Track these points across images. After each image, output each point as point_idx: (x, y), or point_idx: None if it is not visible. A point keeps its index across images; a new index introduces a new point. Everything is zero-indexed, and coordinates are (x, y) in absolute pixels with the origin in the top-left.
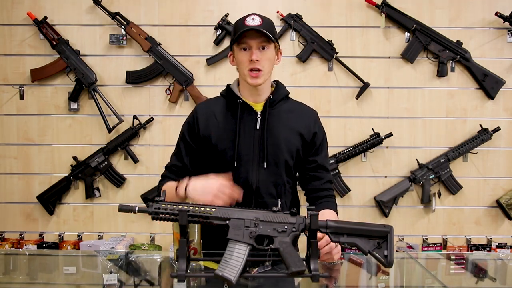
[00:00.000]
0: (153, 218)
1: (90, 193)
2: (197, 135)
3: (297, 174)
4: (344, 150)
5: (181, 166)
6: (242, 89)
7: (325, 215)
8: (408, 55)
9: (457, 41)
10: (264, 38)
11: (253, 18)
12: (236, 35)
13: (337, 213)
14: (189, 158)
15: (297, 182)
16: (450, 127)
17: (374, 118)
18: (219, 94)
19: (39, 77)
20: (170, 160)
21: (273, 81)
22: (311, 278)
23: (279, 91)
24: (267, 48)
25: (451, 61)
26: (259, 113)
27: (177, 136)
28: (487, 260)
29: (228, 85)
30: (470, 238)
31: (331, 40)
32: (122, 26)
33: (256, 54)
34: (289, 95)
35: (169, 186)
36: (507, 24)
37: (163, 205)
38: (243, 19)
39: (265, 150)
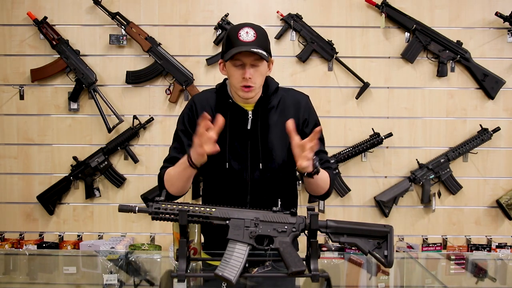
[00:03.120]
0: (153, 218)
1: (90, 193)
2: (196, 124)
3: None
4: (344, 150)
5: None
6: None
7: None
8: (408, 55)
9: (457, 41)
10: (258, 56)
11: (247, 32)
12: (228, 51)
13: (331, 180)
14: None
15: (297, 182)
16: (450, 127)
17: (374, 118)
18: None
19: (39, 77)
20: (169, 153)
21: None
22: (311, 278)
23: (269, 87)
24: (260, 64)
25: (451, 61)
26: (250, 112)
27: None
28: (487, 260)
29: (225, 80)
30: (470, 238)
31: (331, 40)
32: (122, 26)
33: (249, 72)
34: (278, 86)
35: (173, 167)
36: (507, 24)
37: (163, 205)
38: (236, 31)
39: (259, 150)
